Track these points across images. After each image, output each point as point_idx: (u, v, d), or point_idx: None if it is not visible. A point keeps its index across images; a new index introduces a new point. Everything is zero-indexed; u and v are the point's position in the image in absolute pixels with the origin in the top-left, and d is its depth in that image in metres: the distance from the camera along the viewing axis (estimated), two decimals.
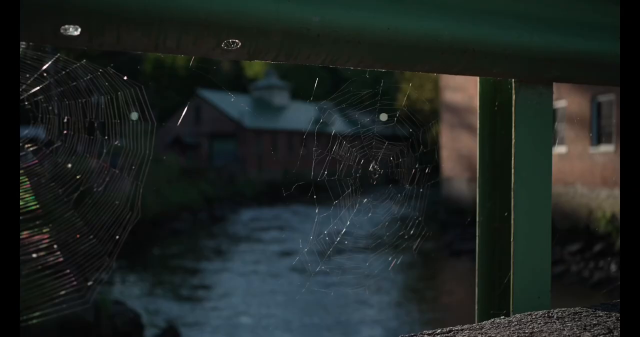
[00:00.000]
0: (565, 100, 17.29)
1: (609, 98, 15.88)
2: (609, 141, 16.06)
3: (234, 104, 40.32)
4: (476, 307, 1.72)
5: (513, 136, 1.62)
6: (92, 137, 1.13)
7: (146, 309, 11.54)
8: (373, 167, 1.54)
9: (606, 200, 15.65)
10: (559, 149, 17.59)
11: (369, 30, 1.31)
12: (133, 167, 1.09)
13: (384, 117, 1.71)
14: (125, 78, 1.19)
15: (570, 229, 16.20)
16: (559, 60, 1.57)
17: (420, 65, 1.46)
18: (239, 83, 50.51)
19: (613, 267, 13.65)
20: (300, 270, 12.61)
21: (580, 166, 16.79)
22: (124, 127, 1.13)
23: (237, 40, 1.23)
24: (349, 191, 1.49)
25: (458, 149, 22.71)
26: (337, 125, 1.83)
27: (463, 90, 21.25)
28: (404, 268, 15.40)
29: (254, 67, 53.13)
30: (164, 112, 40.15)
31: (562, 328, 1.25)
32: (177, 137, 40.13)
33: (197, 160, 35.60)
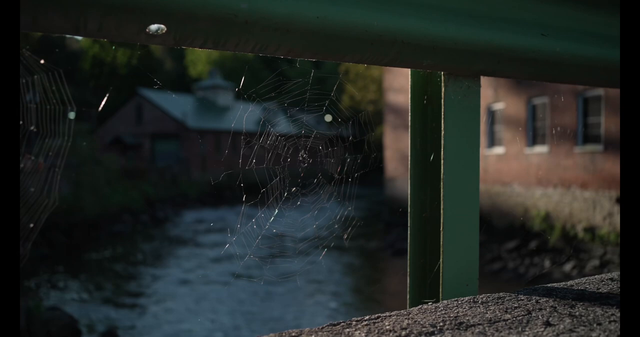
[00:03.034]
0: (503, 102, 17.88)
1: (543, 101, 16.54)
2: (543, 142, 16.72)
3: (177, 104, 39.63)
4: (408, 296, 1.75)
5: (442, 128, 1.65)
6: None
7: (84, 314, 11.18)
8: (302, 156, 1.55)
9: (540, 199, 16.28)
10: (497, 150, 18.18)
11: (298, 18, 1.31)
12: (50, 154, 1.05)
13: (328, 118, 1.72)
14: (42, 62, 1.14)
15: (508, 228, 16.78)
16: (485, 54, 1.61)
17: (350, 55, 1.47)
18: (182, 82, 49.71)
19: (547, 263, 14.21)
20: (239, 273, 12.52)
21: (516, 166, 17.40)
22: (41, 112, 1.08)
23: (162, 25, 1.20)
24: (277, 179, 1.48)
25: (401, 150, 23.12)
26: (274, 120, 1.82)
27: (406, 91, 21.58)
28: (347, 268, 15.53)
29: (197, 67, 52.42)
30: (103, 111, 38.99)
31: (485, 311, 1.28)
32: (117, 137, 39.11)
33: (138, 161, 34.75)
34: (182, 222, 24.74)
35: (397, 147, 23.66)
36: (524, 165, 17.16)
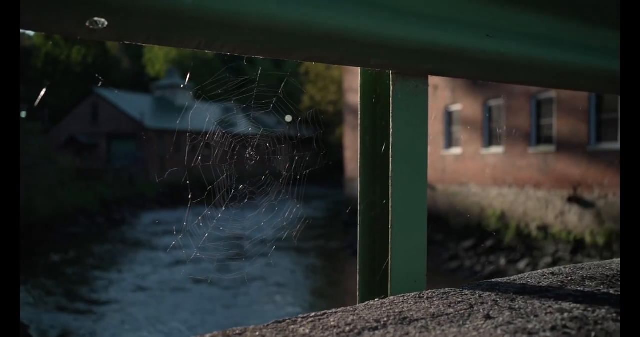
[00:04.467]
0: (461, 104, 18.20)
1: (498, 103, 16.91)
2: (498, 143, 17.10)
3: (134, 103, 38.86)
4: (358, 293, 1.76)
5: (391, 127, 1.67)
6: None
7: (36, 319, 10.86)
8: (249, 153, 1.54)
9: (496, 198, 16.64)
10: (454, 151, 18.49)
11: (243, 15, 1.30)
12: None
13: (288, 118, 1.71)
14: None
15: (465, 227, 17.09)
16: (432, 54, 1.63)
17: (297, 53, 1.47)
18: (140, 82, 48.85)
19: (502, 261, 14.54)
20: (191, 274, 12.39)
21: (473, 167, 17.74)
22: None
23: (103, 19, 1.17)
24: (224, 177, 1.47)
25: None
26: (224, 118, 1.81)
27: None
28: (307, 268, 15.53)
29: (156, 66, 51.58)
30: (57, 111, 37.99)
31: (429, 306, 1.30)
32: (71, 137, 38.14)
33: (93, 161, 33.96)
34: (139, 224, 24.30)
35: (357, 147, 23.77)
36: (480, 166, 17.52)
